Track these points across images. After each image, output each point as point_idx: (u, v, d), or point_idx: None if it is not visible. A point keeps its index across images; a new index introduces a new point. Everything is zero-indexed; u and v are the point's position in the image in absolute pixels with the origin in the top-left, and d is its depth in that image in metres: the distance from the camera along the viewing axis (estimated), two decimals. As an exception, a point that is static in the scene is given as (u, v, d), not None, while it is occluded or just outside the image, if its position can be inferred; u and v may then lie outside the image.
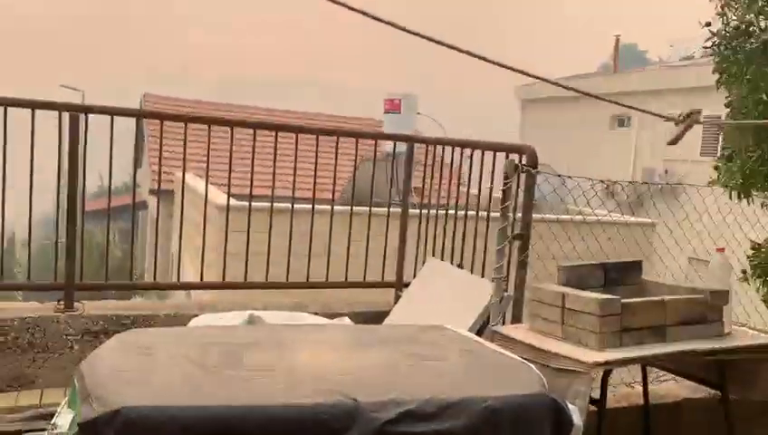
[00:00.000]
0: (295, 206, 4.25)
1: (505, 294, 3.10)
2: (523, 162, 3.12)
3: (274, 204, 4.13)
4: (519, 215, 3.20)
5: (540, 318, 2.82)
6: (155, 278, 4.85)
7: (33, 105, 3.51)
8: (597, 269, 2.98)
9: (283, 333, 2.67)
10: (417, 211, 4.37)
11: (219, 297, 4.54)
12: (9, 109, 3.47)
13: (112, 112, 3.67)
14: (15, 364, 3.49)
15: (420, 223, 4.29)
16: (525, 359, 2.43)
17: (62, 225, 3.68)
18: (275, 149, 4.13)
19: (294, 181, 4.26)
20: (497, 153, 3.55)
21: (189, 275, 10.13)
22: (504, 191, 3.02)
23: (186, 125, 3.95)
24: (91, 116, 3.66)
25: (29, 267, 3.80)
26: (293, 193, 4.23)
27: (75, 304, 3.69)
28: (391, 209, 4.39)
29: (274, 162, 4.21)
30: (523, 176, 3.18)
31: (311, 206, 4.24)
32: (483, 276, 3.59)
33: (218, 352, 2.31)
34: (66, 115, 3.57)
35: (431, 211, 4.29)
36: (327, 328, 2.91)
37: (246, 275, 4.15)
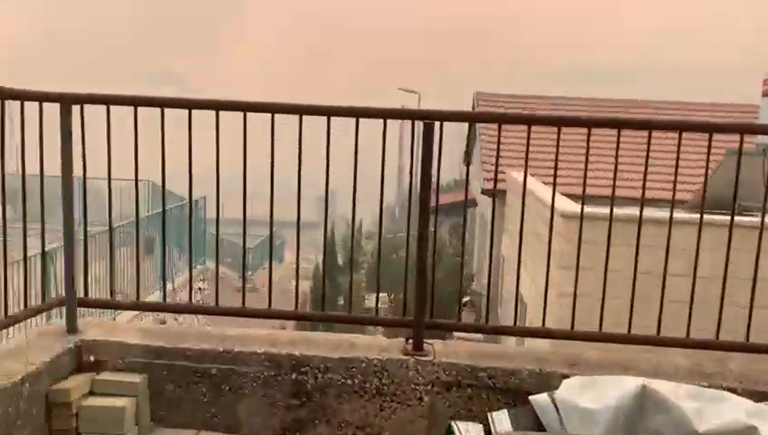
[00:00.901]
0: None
1: None
2: None
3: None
4: None
5: None
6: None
7: (386, 115, 3.04)
8: None
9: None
10: None
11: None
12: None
13: (473, 119, 3.04)
14: (362, 411, 3.08)
15: None
16: None
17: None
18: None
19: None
20: None
21: (527, 288, 9.46)
22: None
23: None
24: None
25: (377, 303, 3.39)
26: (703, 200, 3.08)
27: (425, 345, 3.15)
28: None
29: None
30: None
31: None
32: None
33: None
34: (420, 124, 3.04)
35: None
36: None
37: (630, 325, 3.15)
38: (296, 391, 3.10)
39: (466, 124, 19.43)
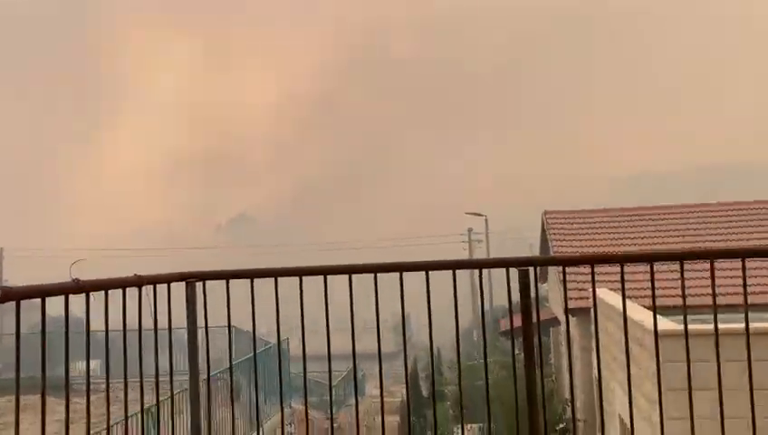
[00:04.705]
0: None
1: None
2: None
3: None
4: None
5: None
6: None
7: (481, 265, 3.30)
8: None
9: None
10: None
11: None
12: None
13: (564, 262, 3.25)
14: None
15: None
16: None
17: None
18: None
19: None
20: None
21: (622, 404, 8.98)
22: None
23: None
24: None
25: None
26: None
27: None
28: None
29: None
30: None
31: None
32: None
33: None
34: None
35: None
36: None
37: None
38: None
39: (537, 236, 19.24)
